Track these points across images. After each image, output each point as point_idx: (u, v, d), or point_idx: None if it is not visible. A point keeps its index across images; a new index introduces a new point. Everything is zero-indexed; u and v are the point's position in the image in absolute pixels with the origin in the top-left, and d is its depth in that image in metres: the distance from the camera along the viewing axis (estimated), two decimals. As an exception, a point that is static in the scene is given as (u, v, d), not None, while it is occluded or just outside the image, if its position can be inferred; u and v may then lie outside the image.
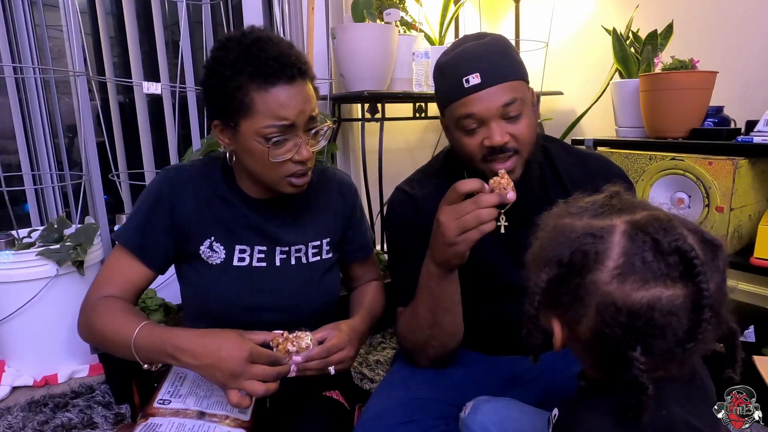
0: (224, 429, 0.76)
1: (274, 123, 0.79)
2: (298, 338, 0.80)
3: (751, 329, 1.42)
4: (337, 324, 0.88)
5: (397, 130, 2.34)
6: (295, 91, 0.80)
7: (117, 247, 0.89)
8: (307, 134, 0.84)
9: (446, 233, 0.75)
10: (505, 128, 0.82)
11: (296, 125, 0.81)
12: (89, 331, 0.84)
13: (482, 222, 0.73)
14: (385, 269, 1.83)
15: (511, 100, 0.81)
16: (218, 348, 0.74)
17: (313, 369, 0.81)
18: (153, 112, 1.99)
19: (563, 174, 0.94)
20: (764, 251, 1.35)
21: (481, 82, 0.81)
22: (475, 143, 0.84)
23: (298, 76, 0.80)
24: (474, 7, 2.41)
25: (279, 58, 0.79)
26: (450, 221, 0.75)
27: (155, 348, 0.76)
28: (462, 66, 0.82)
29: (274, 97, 0.79)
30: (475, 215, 0.73)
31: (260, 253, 0.92)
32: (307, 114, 0.82)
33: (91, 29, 1.97)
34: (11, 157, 1.81)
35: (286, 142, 0.82)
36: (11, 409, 1.42)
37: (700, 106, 1.55)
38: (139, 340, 0.77)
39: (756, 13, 1.68)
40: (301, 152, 0.82)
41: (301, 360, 0.79)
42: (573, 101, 2.30)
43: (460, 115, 0.84)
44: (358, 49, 1.85)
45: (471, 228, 0.74)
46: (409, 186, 0.99)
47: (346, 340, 0.85)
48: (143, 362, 0.78)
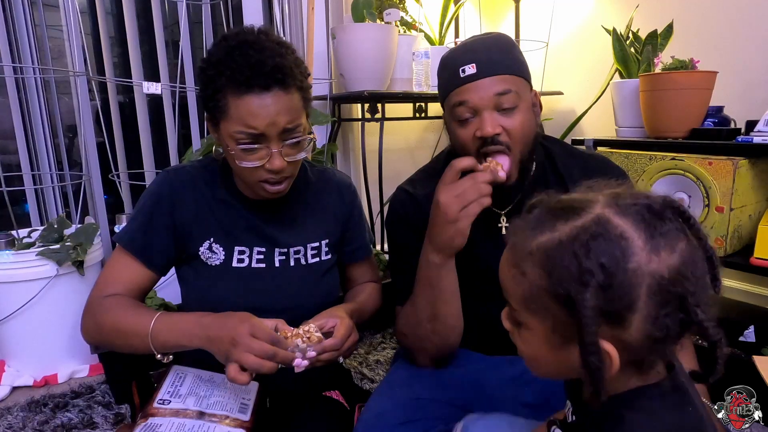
0: (224, 429, 0.76)
1: (243, 130, 0.79)
2: (309, 333, 0.79)
3: (751, 329, 1.42)
4: (334, 311, 0.87)
5: (397, 130, 2.34)
6: (269, 101, 0.78)
7: (118, 248, 0.89)
8: (280, 144, 0.81)
9: (448, 210, 0.78)
10: (498, 120, 0.83)
11: (267, 135, 0.79)
12: (98, 329, 0.84)
13: (482, 195, 0.77)
14: (385, 269, 1.83)
15: (504, 90, 0.82)
16: (226, 320, 0.77)
17: (324, 361, 0.80)
18: (153, 112, 1.99)
19: (565, 174, 0.94)
20: (764, 251, 1.35)
21: (476, 72, 0.82)
22: (468, 134, 0.84)
23: (274, 86, 0.78)
24: (474, 7, 2.41)
25: (255, 66, 0.77)
26: (450, 198, 0.78)
27: (178, 332, 0.78)
28: (460, 57, 0.84)
29: (246, 105, 0.78)
30: (476, 188, 0.77)
31: (259, 254, 0.92)
32: (280, 125, 0.79)
33: (91, 29, 1.97)
34: (11, 157, 1.81)
35: (258, 150, 0.81)
36: (11, 409, 1.42)
37: (700, 106, 1.55)
38: (158, 326, 0.79)
39: (756, 13, 1.68)
40: (272, 162, 0.81)
41: (315, 354, 0.78)
42: (573, 101, 2.30)
43: (454, 104, 0.85)
44: (358, 49, 1.85)
45: (472, 201, 0.77)
46: (411, 186, 0.99)
47: (352, 326, 0.85)
48: (158, 351, 0.79)
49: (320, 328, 0.82)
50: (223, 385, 0.85)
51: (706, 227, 1.44)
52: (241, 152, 0.81)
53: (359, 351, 1.75)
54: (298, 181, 0.98)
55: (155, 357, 0.81)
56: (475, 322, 0.92)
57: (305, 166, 1.01)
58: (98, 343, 0.88)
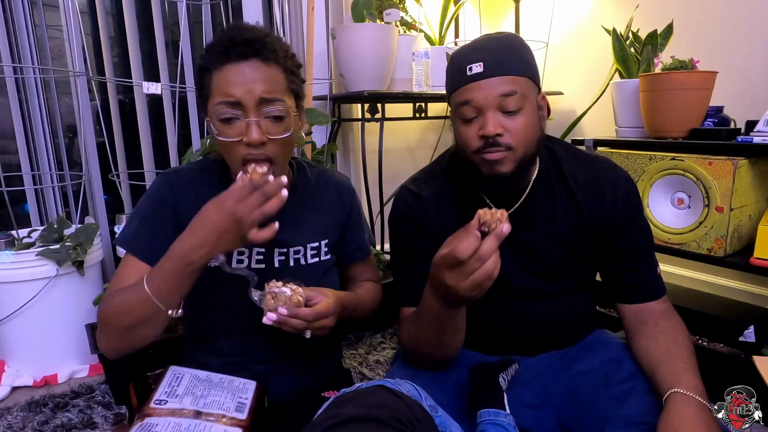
0: (221, 428, 0.76)
1: (222, 99, 0.80)
2: (294, 290, 0.80)
3: (751, 329, 1.42)
4: (326, 290, 0.87)
5: (397, 130, 2.34)
6: (246, 69, 0.80)
7: (127, 255, 0.88)
8: (258, 115, 0.81)
9: (459, 292, 0.73)
10: (501, 120, 0.82)
11: (244, 104, 0.80)
12: (114, 325, 0.80)
13: (492, 275, 0.71)
14: (386, 269, 1.83)
15: (509, 91, 0.81)
16: (207, 221, 0.76)
17: (291, 327, 0.80)
18: (153, 112, 1.99)
19: (568, 176, 0.94)
20: (764, 251, 1.35)
21: (483, 71, 0.82)
22: (471, 133, 0.84)
23: (252, 56, 0.80)
24: (474, 7, 2.41)
25: (234, 38, 0.80)
26: (459, 283, 0.72)
27: (168, 273, 0.77)
28: (468, 55, 0.84)
29: (224, 74, 0.80)
30: (484, 272, 0.71)
31: (258, 254, 0.92)
32: (256, 94, 0.79)
33: (91, 29, 1.97)
34: (11, 157, 1.81)
35: (235, 122, 0.81)
36: (11, 409, 1.42)
37: (700, 106, 1.55)
38: (150, 281, 0.77)
39: (756, 13, 1.68)
40: (249, 134, 0.80)
41: (285, 313, 0.78)
42: (573, 101, 2.30)
43: (458, 102, 0.85)
44: (358, 49, 1.85)
45: (483, 281, 0.72)
46: (415, 185, 0.99)
47: (333, 310, 0.84)
48: (166, 307, 0.77)
49: (310, 299, 0.82)
50: (219, 384, 0.85)
51: (706, 227, 1.44)
52: (220, 125, 0.81)
53: (359, 351, 1.75)
54: (297, 181, 0.98)
55: (169, 314, 0.78)
56: (475, 322, 0.92)
57: (304, 167, 1.01)
58: (118, 348, 0.83)
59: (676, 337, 0.87)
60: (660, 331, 0.88)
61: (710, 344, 1.45)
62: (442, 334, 0.85)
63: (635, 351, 0.90)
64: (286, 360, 0.95)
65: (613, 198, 0.92)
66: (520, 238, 0.92)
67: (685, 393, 0.76)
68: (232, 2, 2.01)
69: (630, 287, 0.94)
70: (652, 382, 0.83)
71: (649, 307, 0.92)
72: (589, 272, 1.00)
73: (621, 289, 0.95)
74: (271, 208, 0.76)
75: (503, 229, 0.71)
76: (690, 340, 0.88)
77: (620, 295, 0.95)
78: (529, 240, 0.94)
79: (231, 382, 0.87)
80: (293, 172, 0.98)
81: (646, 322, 0.91)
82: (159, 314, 0.78)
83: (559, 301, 0.97)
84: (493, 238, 0.70)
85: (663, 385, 0.79)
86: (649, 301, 0.93)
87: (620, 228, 0.93)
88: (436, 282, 0.76)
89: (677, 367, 0.81)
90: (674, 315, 0.92)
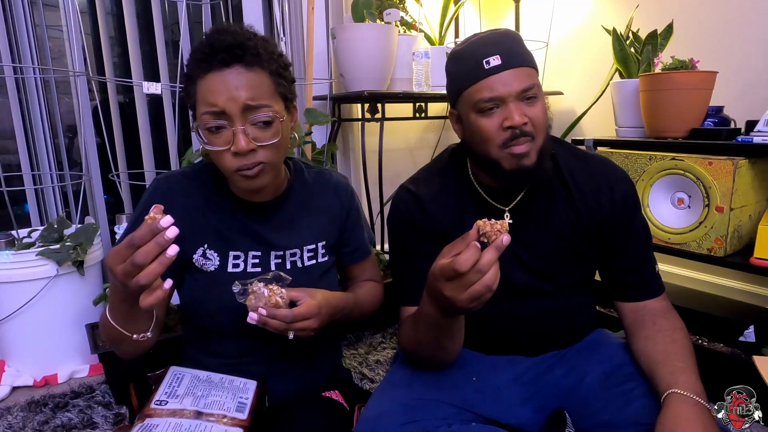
0: (221, 429, 0.76)
1: (207, 110, 0.78)
2: (273, 291, 0.79)
3: (751, 329, 1.42)
4: (313, 291, 0.86)
5: (397, 130, 2.34)
6: (228, 77, 0.77)
7: None
8: (244, 123, 0.78)
9: (458, 304, 0.71)
10: (524, 110, 0.83)
11: (228, 113, 0.77)
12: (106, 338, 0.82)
13: (492, 287, 0.69)
14: (386, 269, 1.83)
15: (528, 81, 0.83)
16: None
17: (272, 327, 0.80)
18: (153, 112, 1.99)
19: (567, 175, 0.94)
20: (764, 251, 1.35)
21: (501, 63, 0.82)
22: (494, 125, 0.84)
23: (233, 62, 0.77)
24: (474, 7, 2.41)
25: (215, 44, 0.78)
26: (458, 295, 0.70)
27: (114, 304, 0.75)
28: (481, 50, 0.84)
29: (207, 83, 0.78)
30: (483, 284, 0.68)
31: (255, 258, 0.91)
32: (240, 101, 0.77)
33: (91, 29, 1.97)
34: (11, 157, 1.81)
35: (222, 131, 0.79)
36: (11, 409, 1.42)
37: (700, 106, 1.55)
38: (109, 308, 0.76)
39: (756, 13, 1.68)
40: (237, 142, 0.78)
41: (264, 313, 0.78)
42: (573, 101, 2.30)
43: (480, 98, 0.84)
44: (358, 49, 1.85)
45: (482, 294, 0.69)
46: (414, 185, 0.99)
47: (315, 312, 0.83)
48: (129, 332, 0.76)
49: (296, 299, 0.82)
50: (220, 384, 0.85)
51: (706, 227, 1.44)
52: (208, 134, 0.80)
53: (359, 351, 1.75)
54: (294, 183, 0.97)
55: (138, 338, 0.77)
56: (475, 321, 0.92)
57: (302, 168, 1.01)
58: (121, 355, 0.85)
59: (675, 337, 0.87)
60: (659, 331, 0.88)
61: (710, 344, 1.45)
62: (440, 340, 0.85)
63: (634, 351, 0.90)
64: (285, 361, 0.94)
65: (611, 196, 0.92)
66: (520, 237, 0.92)
67: (683, 393, 0.75)
68: (232, 2, 2.00)
69: (628, 285, 0.94)
70: (651, 382, 0.83)
71: (648, 306, 0.93)
72: (588, 270, 1.00)
73: (619, 286, 0.95)
74: (147, 276, 0.64)
75: (503, 240, 0.68)
76: (689, 340, 0.88)
77: (619, 293, 0.96)
78: (529, 238, 0.94)
79: (231, 382, 0.87)
80: (290, 174, 0.98)
81: (645, 321, 0.91)
82: (126, 338, 0.77)
83: (559, 299, 0.97)
84: (493, 249, 0.69)
85: (661, 385, 0.79)
86: (647, 298, 0.93)
87: (618, 226, 0.93)
88: (434, 292, 0.74)
89: (675, 366, 0.81)
90: (673, 314, 0.92)
